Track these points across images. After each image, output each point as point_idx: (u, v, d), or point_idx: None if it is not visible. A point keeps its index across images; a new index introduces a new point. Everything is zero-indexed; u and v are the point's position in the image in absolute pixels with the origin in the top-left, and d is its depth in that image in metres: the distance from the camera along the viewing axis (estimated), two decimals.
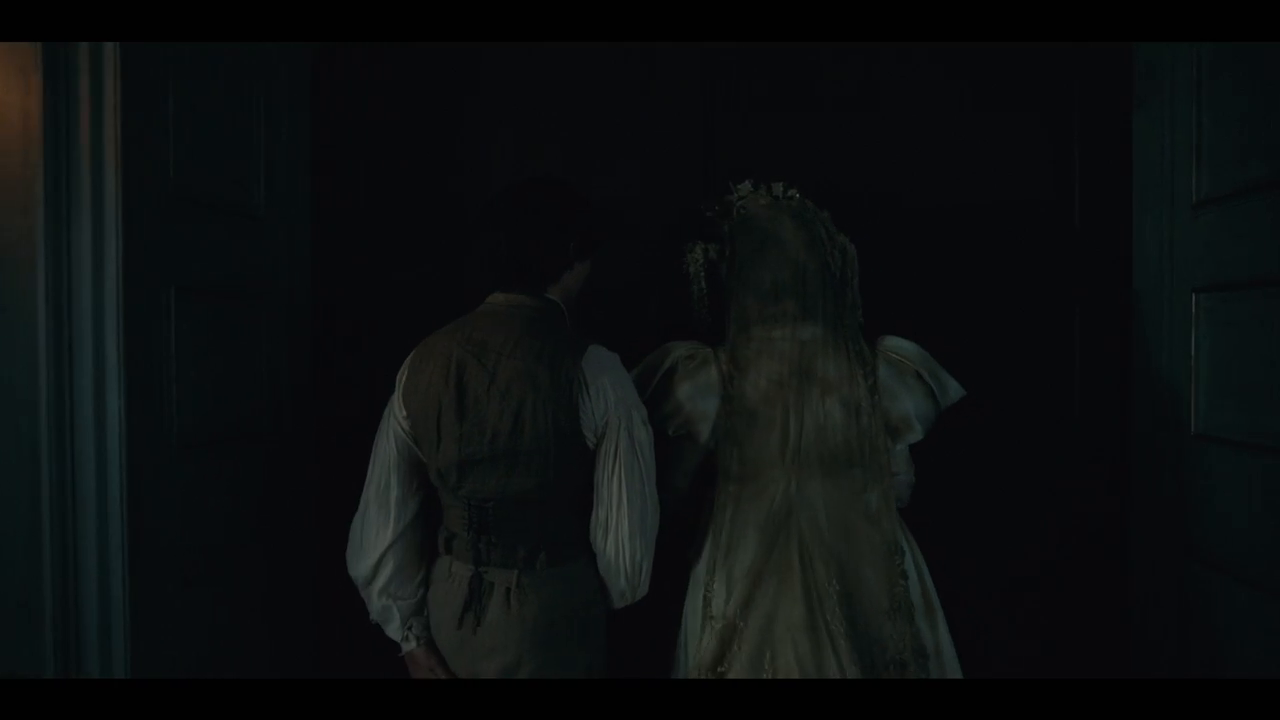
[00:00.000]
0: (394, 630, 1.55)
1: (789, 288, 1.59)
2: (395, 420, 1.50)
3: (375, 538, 1.50)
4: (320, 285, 2.15)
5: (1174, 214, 1.88)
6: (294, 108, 2.03)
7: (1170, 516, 1.91)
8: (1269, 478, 1.57)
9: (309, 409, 2.09)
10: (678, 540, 1.68)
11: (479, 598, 1.44)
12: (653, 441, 1.47)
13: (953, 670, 1.62)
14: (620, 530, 1.42)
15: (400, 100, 2.20)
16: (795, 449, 1.54)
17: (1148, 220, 1.98)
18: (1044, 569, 2.21)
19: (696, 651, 1.57)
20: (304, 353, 2.09)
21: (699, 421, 1.60)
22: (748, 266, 1.62)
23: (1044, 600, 2.21)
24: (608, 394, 1.41)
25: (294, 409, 2.02)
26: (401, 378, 1.51)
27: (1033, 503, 2.22)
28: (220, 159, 1.74)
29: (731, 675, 1.53)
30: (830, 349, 1.58)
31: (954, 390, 1.67)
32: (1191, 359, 1.82)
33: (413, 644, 1.54)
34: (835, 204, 1.78)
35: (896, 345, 1.65)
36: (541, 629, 1.43)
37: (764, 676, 1.51)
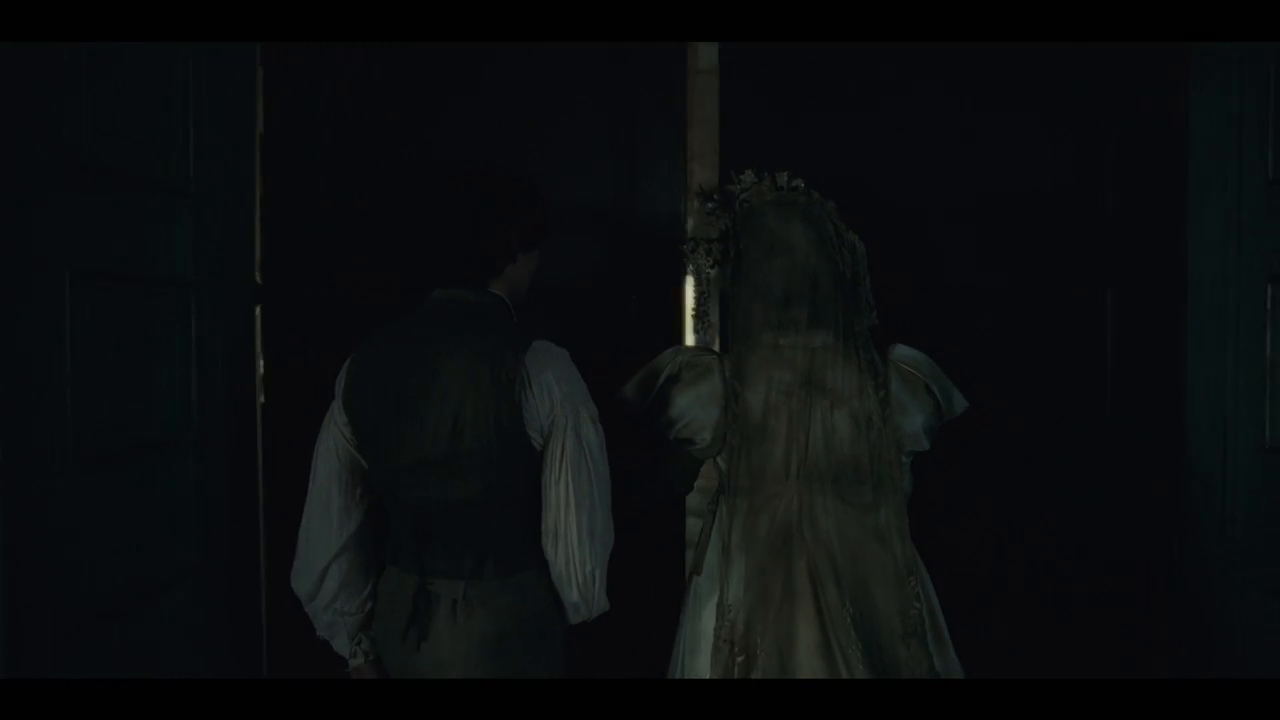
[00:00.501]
0: (341, 645, 1.50)
1: (800, 294, 1.53)
2: (336, 426, 1.44)
3: (318, 550, 1.44)
4: (282, 281, 1.94)
5: (1243, 192, 1.64)
6: (233, 76, 1.78)
7: (1236, 545, 1.66)
8: None
9: (250, 413, 1.85)
10: (668, 548, 1.60)
11: (423, 612, 1.37)
12: (604, 443, 1.38)
13: None
14: (569, 538, 1.33)
15: (372, 91, 2.02)
16: (801, 463, 1.49)
17: (1209, 200, 1.74)
18: (1071, 599, 1.98)
19: (704, 672, 1.52)
20: (245, 350, 1.85)
21: (699, 431, 1.55)
22: (754, 271, 1.55)
23: (1071, 633, 1.98)
24: (553, 391, 1.33)
25: (232, 413, 1.78)
26: (341, 382, 1.45)
27: (1054, 521, 1.99)
28: (133, 125, 1.48)
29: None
30: (840, 358, 1.52)
31: (958, 403, 1.60)
32: (1266, 359, 1.57)
33: (360, 659, 1.49)
34: (842, 201, 1.64)
35: (907, 356, 1.58)
36: (490, 643, 1.35)
37: None
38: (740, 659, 1.47)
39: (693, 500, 1.86)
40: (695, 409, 1.54)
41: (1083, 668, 1.96)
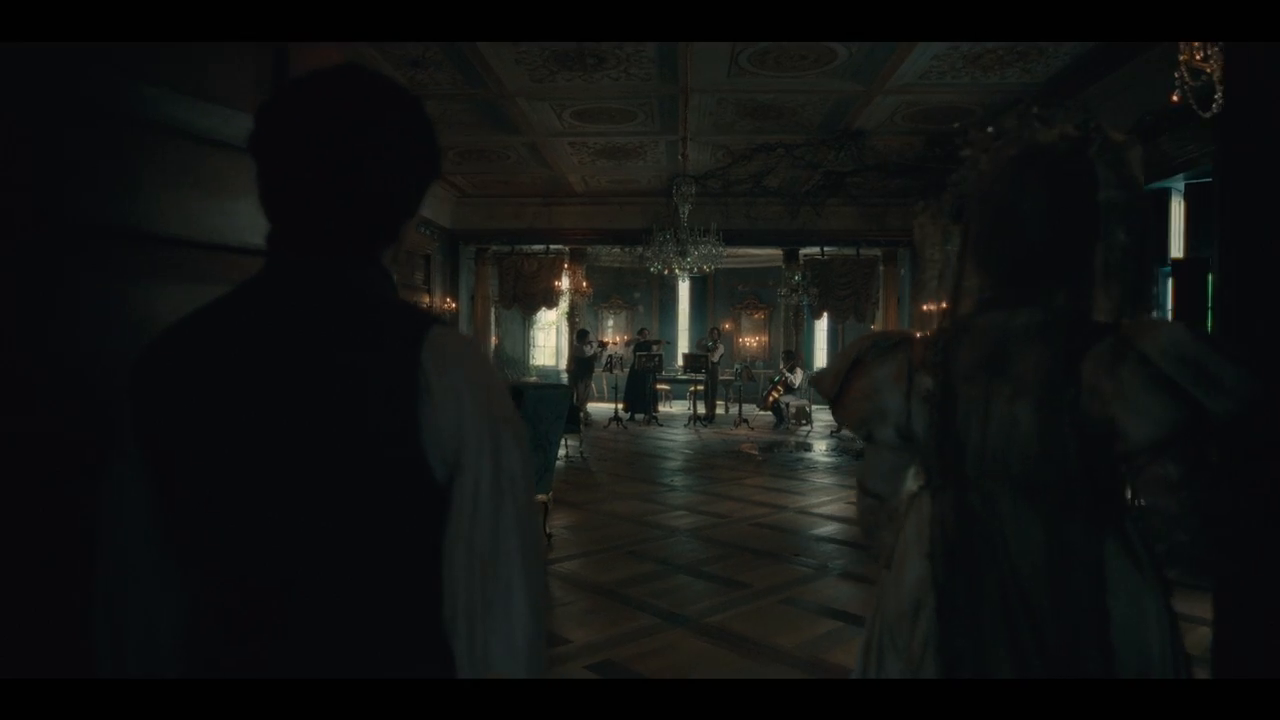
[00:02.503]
0: None
1: (1020, 272, 1.35)
2: (123, 460, 1.01)
3: (132, 643, 1.02)
4: None
5: None
6: None
7: None
8: None
9: None
10: None
11: None
12: (530, 475, 1.00)
13: None
14: (483, 624, 0.92)
15: None
16: (978, 458, 1.32)
17: None
18: None
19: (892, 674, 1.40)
20: None
21: (877, 420, 1.45)
22: (978, 242, 1.40)
23: None
24: (462, 399, 0.95)
25: None
26: (129, 397, 1.00)
27: None
28: None
29: None
30: (1040, 338, 1.30)
31: (1234, 384, 1.16)
32: None
33: None
34: None
35: (1141, 330, 1.24)
36: None
37: None
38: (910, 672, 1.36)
39: None
40: (876, 394, 1.44)
41: None
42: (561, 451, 10.09)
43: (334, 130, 0.94)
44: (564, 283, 15.65)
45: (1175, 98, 3.11)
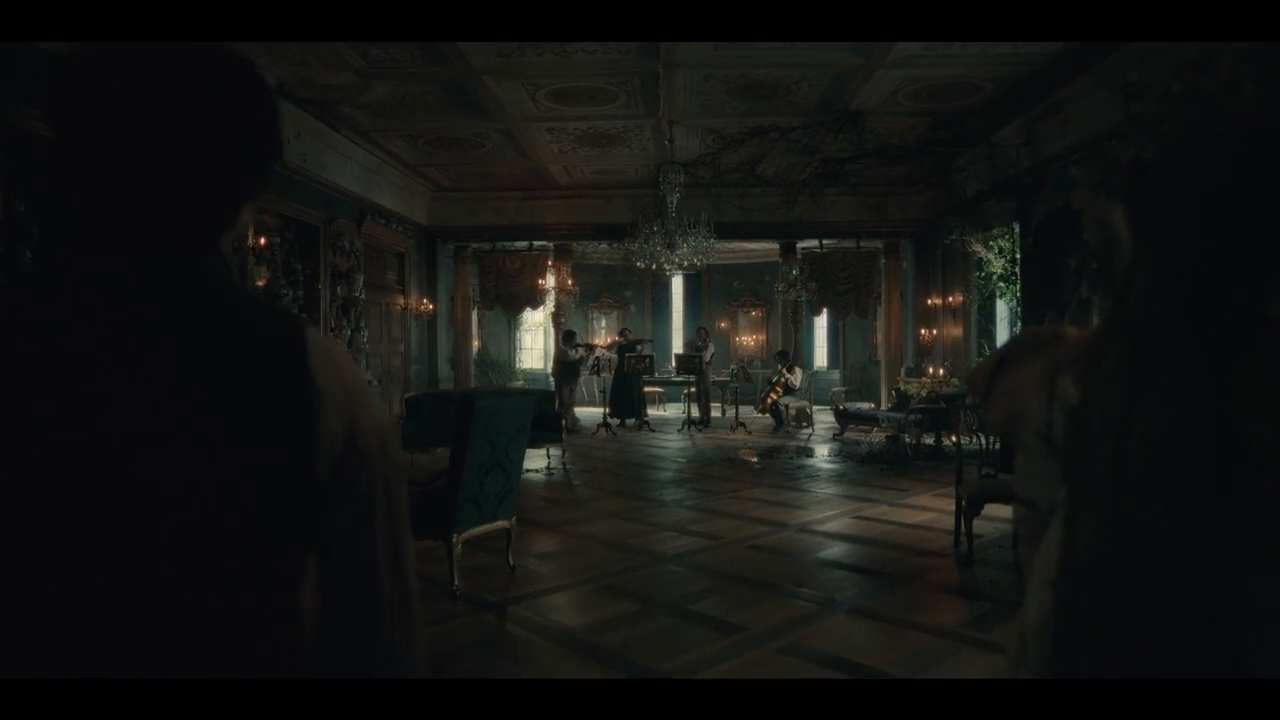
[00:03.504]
0: None
1: (1198, 263, 1.13)
2: None
3: None
4: None
5: None
6: None
7: None
8: None
9: None
10: None
11: None
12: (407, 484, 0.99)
13: None
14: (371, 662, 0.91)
15: None
16: (1115, 468, 1.16)
17: None
18: None
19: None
20: None
21: (1017, 423, 1.33)
22: (1169, 225, 1.15)
23: None
24: (354, 409, 0.90)
25: None
26: None
27: None
28: None
29: None
30: (1196, 335, 1.11)
31: None
32: None
33: None
34: None
35: None
36: None
37: None
38: None
39: None
40: (1015, 396, 1.34)
41: None
42: (542, 463, 9.39)
43: (168, 98, 0.85)
44: (549, 281, 14.88)
45: None
